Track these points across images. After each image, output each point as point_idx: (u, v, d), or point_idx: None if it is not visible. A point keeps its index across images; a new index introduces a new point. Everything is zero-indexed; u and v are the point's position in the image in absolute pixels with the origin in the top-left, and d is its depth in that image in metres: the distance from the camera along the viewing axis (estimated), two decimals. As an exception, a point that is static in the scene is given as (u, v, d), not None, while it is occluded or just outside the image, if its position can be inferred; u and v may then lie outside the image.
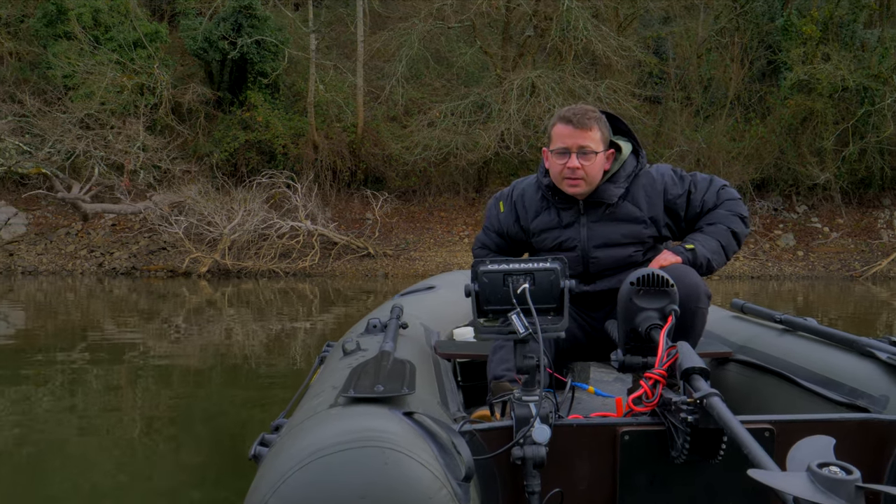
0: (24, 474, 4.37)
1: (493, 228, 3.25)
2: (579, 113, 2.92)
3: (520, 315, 2.15)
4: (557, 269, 2.24)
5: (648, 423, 2.11)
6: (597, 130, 2.91)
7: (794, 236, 21.04)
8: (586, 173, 2.91)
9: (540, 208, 3.09)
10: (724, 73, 22.42)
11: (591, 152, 2.89)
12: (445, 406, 2.31)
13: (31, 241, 18.43)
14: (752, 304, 3.62)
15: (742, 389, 3.10)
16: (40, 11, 19.99)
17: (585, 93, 18.48)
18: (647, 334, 2.28)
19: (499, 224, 3.22)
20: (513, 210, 3.17)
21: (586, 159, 2.89)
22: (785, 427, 2.12)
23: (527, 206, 3.12)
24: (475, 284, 2.25)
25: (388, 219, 20.02)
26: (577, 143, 2.89)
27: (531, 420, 1.96)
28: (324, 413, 1.88)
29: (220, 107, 21.13)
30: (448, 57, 22.07)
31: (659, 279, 2.33)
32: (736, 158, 20.98)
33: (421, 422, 1.85)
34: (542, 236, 3.08)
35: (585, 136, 2.89)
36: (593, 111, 2.96)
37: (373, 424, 1.72)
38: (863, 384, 2.52)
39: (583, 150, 2.89)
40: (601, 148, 2.93)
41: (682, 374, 2.00)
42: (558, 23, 19.37)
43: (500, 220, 3.21)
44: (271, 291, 14.72)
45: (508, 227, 3.19)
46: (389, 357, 2.31)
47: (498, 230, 3.23)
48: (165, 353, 8.26)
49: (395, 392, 1.93)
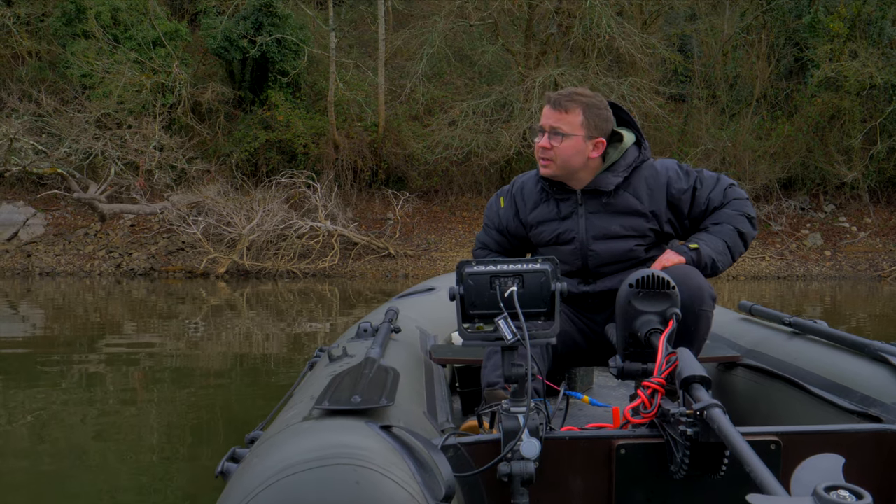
0: (41, 476, 4.35)
1: (493, 225, 3.14)
2: (563, 94, 2.86)
3: (507, 320, 2.00)
4: (548, 271, 2.07)
5: (646, 436, 1.98)
6: (577, 114, 2.82)
7: (821, 236, 20.86)
8: (556, 155, 2.83)
9: (538, 200, 3.00)
10: (750, 71, 22.20)
11: (562, 133, 2.81)
12: (433, 416, 2.21)
13: (50, 241, 18.39)
14: (760, 306, 3.49)
15: (750, 395, 2.99)
16: (59, 10, 20.00)
17: (609, 91, 18.29)
18: (646, 339, 2.16)
19: (499, 220, 3.11)
20: (512, 204, 3.08)
21: (557, 140, 2.81)
22: (792, 439, 2.00)
23: (526, 199, 3.03)
24: (460, 287, 2.10)
25: (410, 219, 19.87)
26: (550, 124, 2.83)
27: (518, 433, 1.83)
28: (295, 426, 1.77)
29: (241, 106, 21.10)
30: (470, 55, 21.92)
31: (659, 281, 2.21)
32: (762, 157, 20.86)
33: (399, 436, 1.72)
34: (539, 228, 2.98)
35: (560, 118, 2.82)
36: (584, 95, 2.87)
37: (346, 440, 1.60)
38: (875, 391, 2.39)
39: (554, 130, 2.82)
40: (580, 133, 2.83)
41: (682, 383, 1.87)
42: (581, 20, 19.20)
43: (500, 215, 3.10)
44: (290, 292, 14.61)
45: (508, 222, 3.08)
46: (374, 364, 2.19)
47: (498, 227, 3.12)
48: (183, 356, 8.16)
49: (372, 403, 1.81)
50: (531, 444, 1.81)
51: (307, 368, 2.72)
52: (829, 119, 21.09)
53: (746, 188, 20.22)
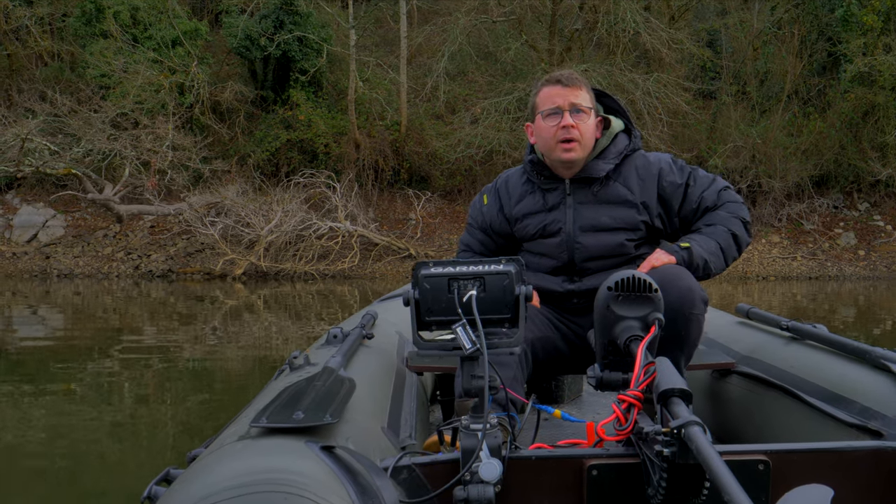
0: (57, 474, 4.39)
1: (477, 224, 3.00)
2: (569, 72, 2.79)
3: (466, 327, 1.81)
4: (512, 273, 1.88)
5: (621, 455, 1.83)
6: (585, 91, 2.75)
7: (854, 235, 20.57)
8: (580, 134, 2.71)
9: (524, 192, 2.88)
10: (781, 66, 21.86)
11: (584, 110, 2.72)
12: (394, 432, 2.09)
13: (69, 243, 18.35)
14: (757, 310, 3.34)
15: (743, 406, 2.83)
16: (79, 10, 20.02)
17: (634, 87, 18.02)
18: (626, 347, 1.97)
19: (482, 218, 2.98)
20: (497, 199, 2.95)
21: (579, 118, 2.71)
22: (783, 458, 1.84)
23: (511, 192, 2.92)
24: (415, 291, 1.91)
25: (431, 219, 19.68)
26: (569, 101, 2.71)
27: (476, 452, 1.68)
28: (228, 447, 1.62)
29: (263, 105, 21.05)
30: (493, 52, 21.71)
31: (640, 283, 2.01)
32: (793, 154, 20.60)
33: (341, 458, 1.58)
34: (525, 222, 2.85)
35: (577, 94, 2.72)
36: (578, 74, 2.82)
37: (279, 463, 1.46)
38: (876, 403, 2.22)
39: (576, 107, 2.71)
40: (592, 109, 2.77)
41: (659, 396, 1.70)
42: (606, 15, 18.91)
43: (484, 213, 2.97)
44: (308, 294, 14.46)
45: (492, 219, 2.95)
46: (331, 375, 2.03)
47: (481, 225, 2.99)
48: (201, 359, 8.20)
49: (315, 421, 1.66)
50: (491, 465, 1.67)
51: (276, 376, 2.50)
52: (862, 115, 20.77)
53: (777, 186, 19.92)
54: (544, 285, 2.79)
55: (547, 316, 2.79)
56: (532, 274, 2.80)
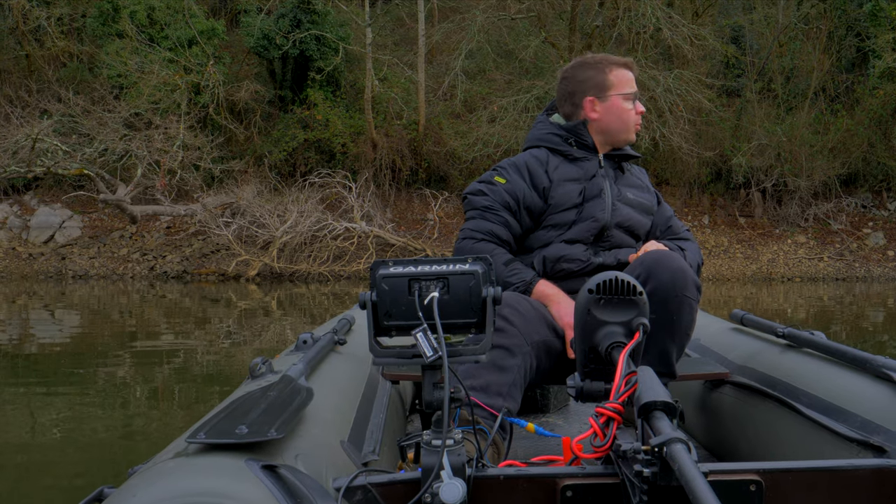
0: (67, 473, 4.40)
1: (502, 203, 2.69)
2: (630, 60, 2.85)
3: (427, 333, 1.64)
4: (479, 273, 1.70)
5: (598, 475, 1.67)
6: None
7: (884, 235, 20.35)
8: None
9: (557, 162, 2.76)
10: (808, 63, 21.53)
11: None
12: (355, 447, 1.94)
13: (85, 244, 18.34)
14: (752, 316, 3.20)
15: (738, 418, 2.71)
16: (96, 10, 20.04)
17: (655, 84, 17.71)
18: (607, 355, 1.84)
19: (505, 197, 2.69)
20: (522, 174, 2.73)
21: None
22: (776, 478, 1.71)
23: (543, 164, 2.74)
24: (372, 293, 1.73)
25: (449, 219, 19.53)
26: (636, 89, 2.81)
27: (434, 471, 1.56)
28: (161, 465, 1.47)
29: (281, 105, 21.02)
30: (513, 50, 21.51)
31: (624, 286, 1.88)
32: (820, 152, 20.36)
33: (284, 478, 1.43)
34: (566, 187, 2.69)
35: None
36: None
37: (211, 484, 1.32)
38: (878, 415, 2.08)
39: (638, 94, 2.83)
40: None
41: (640, 410, 1.56)
42: (627, 11, 18.65)
43: (507, 190, 2.70)
44: (323, 294, 14.33)
45: (523, 193, 2.69)
46: (288, 385, 1.90)
47: (506, 204, 2.69)
48: (214, 361, 8.20)
49: (258, 436, 1.50)
50: (453, 485, 1.54)
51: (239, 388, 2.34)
52: (892, 112, 20.54)
53: (803, 185, 19.56)
54: (571, 253, 2.64)
55: (547, 316, 2.58)
56: (556, 246, 2.66)
